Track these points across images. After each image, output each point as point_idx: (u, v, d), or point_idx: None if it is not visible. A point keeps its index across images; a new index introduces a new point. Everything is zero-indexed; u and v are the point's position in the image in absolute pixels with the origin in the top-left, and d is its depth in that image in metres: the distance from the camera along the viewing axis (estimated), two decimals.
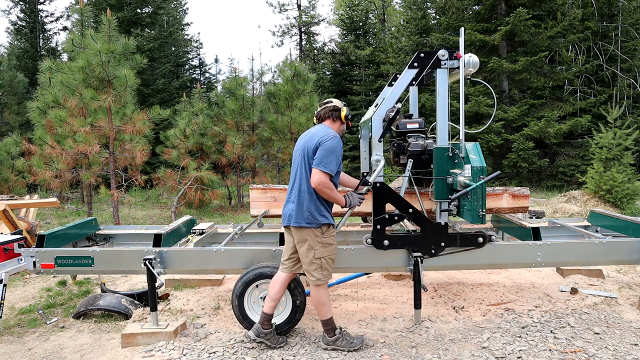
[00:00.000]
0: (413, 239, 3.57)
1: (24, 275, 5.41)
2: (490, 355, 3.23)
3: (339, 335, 3.33)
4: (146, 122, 9.12)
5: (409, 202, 3.54)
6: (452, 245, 3.57)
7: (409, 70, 3.56)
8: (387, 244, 3.53)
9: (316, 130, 3.26)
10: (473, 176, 3.35)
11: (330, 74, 22.72)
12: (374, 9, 24.48)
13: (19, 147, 10.30)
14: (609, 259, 3.86)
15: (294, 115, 11.74)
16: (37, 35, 20.51)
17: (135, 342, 3.48)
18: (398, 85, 3.57)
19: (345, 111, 3.34)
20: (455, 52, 3.50)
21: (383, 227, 3.51)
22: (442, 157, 3.56)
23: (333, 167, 3.11)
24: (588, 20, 15.04)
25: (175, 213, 9.48)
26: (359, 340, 3.35)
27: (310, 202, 3.16)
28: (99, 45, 8.18)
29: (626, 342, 3.42)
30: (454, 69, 3.57)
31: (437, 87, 3.54)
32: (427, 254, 3.56)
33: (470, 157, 3.45)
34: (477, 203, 3.39)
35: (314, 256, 3.19)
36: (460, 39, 3.55)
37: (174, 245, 4.18)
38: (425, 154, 3.74)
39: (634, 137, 9.52)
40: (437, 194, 3.59)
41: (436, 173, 3.58)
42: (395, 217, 3.50)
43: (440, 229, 3.55)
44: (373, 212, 3.50)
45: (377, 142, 3.51)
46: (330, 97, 20.21)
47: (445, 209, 3.56)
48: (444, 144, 3.56)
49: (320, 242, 3.19)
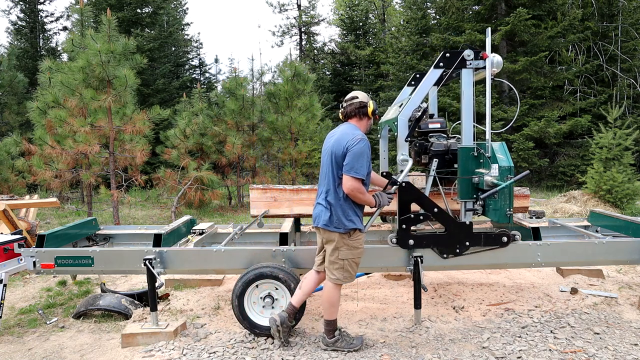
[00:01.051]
0: (438, 239, 3.58)
1: (24, 275, 5.41)
2: (490, 355, 3.23)
3: (338, 336, 3.33)
4: (146, 122, 9.12)
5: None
6: (477, 244, 3.58)
7: (434, 70, 3.57)
8: (412, 244, 3.54)
9: (343, 133, 3.21)
10: (501, 176, 3.36)
11: (330, 74, 22.72)
12: (374, 9, 24.48)
13: (19, 147, 10.30)
14: (609, 259, 3.86)
15: (294, 115, 11.73)
16: (37, 35, 20.51)
17: (135, 342, 3.48)
18: (423, 85, 3.58)
19: (373, 106, 3.31)
20: (481, 52, 3.52)
21: (408, 226, 3.52)
22: (467, 156, 3.57)
23: (364, 171, 3.11)
24: (588, 20, 15.04)
25: (175, 213, 9.48)
26: (359, 341, 3.35)
27: (338, 207, 3.17)
28: (99, 45, 8.18)
29: (626, 342, 3.42)
30: (479, 69, 3.58)
31: (462, 87, 3.55)
32: (451, 254, 3.58)
33: (498, 156, 3.45)
34: (505, 202, 3.40)
35: (338, 256, 3.21)
36: (487, 39, 3.56)
37: (174, 245, 4.18)
38: (449, 153, 3.75)
39: (634, 137, 9.52)
40: (462, 193, 3.60)
41: (461, 173, 3.59)
42: (420, 217, 3.51)
43: (465, 228, 3.56)
44: (398, 211, 3.51)
45: (402, 142, 3.53)
46: (330, 97, 20.24)
47: (470, 208, 3.57)
48: (469, 144, 3.57)
49: (346, 244, 3.20)
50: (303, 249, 3.76)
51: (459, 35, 15.31)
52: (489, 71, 3.51)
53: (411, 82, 4.29)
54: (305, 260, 3.69)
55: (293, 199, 4.13)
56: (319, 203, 3.29)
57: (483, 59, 3.52)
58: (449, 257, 3.58)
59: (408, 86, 4.32)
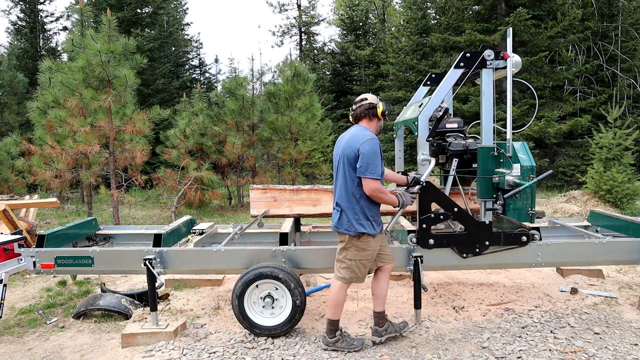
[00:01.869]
0: (458, 238, 3.59)
1: (24, 275, 5.41)
2: (490, 355, 3.23)
3: (339, 336, 3.33)
4: (146, 122, 9.12)
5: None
6: (496, 244, 3.59)
7: (455, 70, 3.58)
8: (432, 243, 3.55)
9: (352, 135, 3.22)
10: (523, 175, 3.37)
11: (330, 74, 22.72)
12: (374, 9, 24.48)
13: (19, 147, 10.30)
14: (609, 259, 3.86)
15: (294, 115, 11.73)
16: (37, 35, 20.50)
17: (135, 342, 3.48)
18: (444, 85, 3.59)
19: (382, 107, 3.32)
20: (502, 53, 3.53)
21: (429, 226, 3.53)
22: (487, 156, 3.58)
23: (379, 171, 3.12)
24: (588, 20, 15.04)
25: (175, 213, 9.48)
26: (359, 342, 3.35)
27: (349, 210, 3.17)
28: (99, 45, 8.18)
29: (626, 342, 3.42)
30: (499, 69, 3.60)
31: (482, 88, 3.56)
32: (471, 253, 3.59)
33: (519, 156, 3.46)
34: (527, 202, 3.41)
35: (346, 256, 3.22)
36: (509, 39, 3.57)
37: (174, 245, 4.18)
38: (467, 153, 3.75)
39: (634, 137, 9.52)
40: (482, 193, 3.61)
41: (481, 172, 3.60)
42: (440, 216, 3.52)
43: (485, 228, 3.57)
44: (418, 211, 3.52)
45: (423, 142, 3.53)
46: (330, 97, 20.25)
47: (490, 207, 3.58)
48: (489, 144, 3.57)
49: (354, 245, 3.21)
50: (303, 249, 3.77)
51: (459, 35, 15.30)
52: (510, 71, 3.52)
53: (426, 82, 4.30)
54: (306, 260, 3.69)
55: (293, 199, 4.13)
56: (334, 207, 3.31)
57: (503, 59, 3.53)
58: (469, 256, 3.59)
59: (424, 86, 4.33)
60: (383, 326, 3.41)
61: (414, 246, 3.60)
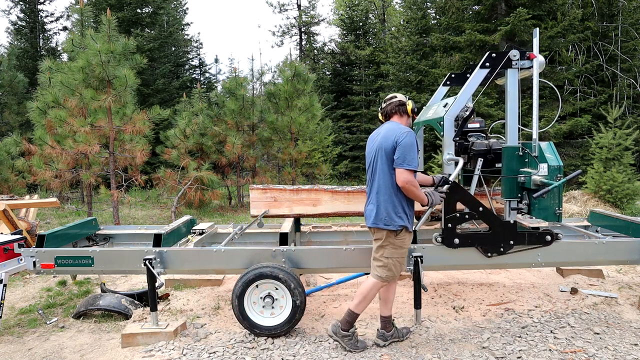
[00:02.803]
0: (483, 237, 3.60)
1: (24, 275, 5.41)
2: (490, 355, 3.23)
3: (350, 334, 3.32)
4: (146, 122, 9.12)
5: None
6: (521, 243, 3.60)
7: (480, 70, 3.60)
8: (457, 242, 3.56)
9: (389, 129, 3.23)
10: (550, 175, 3.39)
11: (330, 74, 22.70)
12: (374, 9, 24.46)
13: (19, 147, 10.30)
14: (609, 259, 3.86)
15: (294, 115, 11.73)
16: (37, 35, 20.51)
17: (135, 342, 3.48)
18: (470, 85, 3.60)
19: (411, 105, 3.34)
20: (528, 53, 3.56)
21: (454, 225, 3.54)
22: (512, 156, 3.60)
23: (415, 163, 3.12)
24: (588, 20, 15.03)
25: (175, 213, 9.48)
26: (362, 345, 3.36)
27: (388, 203, 3.16)
28: (99, 45, 8.18)
29: (626, 342, 3.42)
30: (524, 69, 3.61)
31: (507, 88, 3.58)
32: (496, 252, 3.60)
33: (546, 156, 3.48)
34: (554, 201, 3.43)
35: (383, 254, 3.21)
36: (535, 39, 3.59)
37: (174, 245, 4.18)
38: (491, 153, 3.76)
39: (634, 137, 9.52)
40: (507, 192, 3.62)
41: (506, 172, 3.61)
42: (466, 216, 3.53)
43: (509, 227, 3.58)
44: (444, 210, 3.53)
45: (450, 142, 3.54)
46: (330, 97, 20.24)
47: (515, 207, 3.60)
48: (514, 144, 3.59)
49: (391, 242, 3.20)
50: (303, 249, 3.77)
51: (459, 35, 15.30)
52: (536, 71, 3.54)
53: (446, 82, 4.31)
54: (306, 260, 3.69)
55: (293, 199, 4.13)
56: (369, 202, 3.30)
57: (529, 59, 3.56)
58: (493, 255, 3.61)
59: (443, 86, 4.35)
60: (390, 331, 3.41)
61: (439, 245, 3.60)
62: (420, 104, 16.39)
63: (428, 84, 16.54)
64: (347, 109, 20.60)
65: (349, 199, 4.11)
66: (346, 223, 4.91)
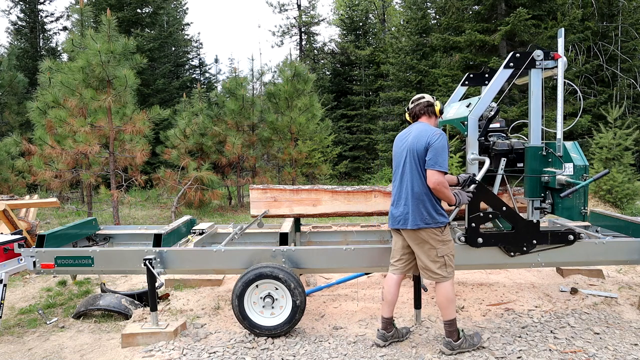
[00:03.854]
0: (506, 237, 3.61)
1: (24, 275, 5.41)
2: (490, 355, 3.23)
3: (462, 338, 3.27)
4: (146, 122, 9.12)
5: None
6: (544, 242, 3.61)
7: (504, 70, 3.61)
8: (480, 242, 3.57)
9: (420, 130, 3.24)
10: (576, 174, 3.40)
11: (330, 74, 22.70)
12: (374, 9, 24.46)
13: (19, 147, 10.30)
14: (609, 259, 3.86)
15: (294, 115, 11.73)
16: (37, 35, 20.52)
17: (135, 342, 3.48)
18: (494, 85, 3.61)
19: (439, 105, 3.36)
20: (552, 53, 3.58)
21: (478, 225, 3.55)
22: (535, 156, 3.61)
23: (446, 165, 3.15)
24: (588, 20, 15.04)
25: (175, 213, 9.48)
26: (478, 338, 3.33)
27: (428, 203, 3.17)
28: (99, 45, 8.18)
29: (626, 342, 3.42)
30: (547, 69, 3.63)
31: (531, 88, 3.60)
32: (518, 252, 3.61)
33: (572, 155, 3.49)
34: (579, 201, 3.45)
35: (437, 254, 3.20)
36: (560, 39, 3.60)
37: (174, 245, 4.18)
38: (512, 153, 3.77)
39: (634, 137, 9.52)
40: (530, 192, 3.64)
41: (529, 172, 3.63)
42: (489, 215, 3.54)
43: (532, 226, 3.59)
44: (467, 210, 3.54)
45: (474, 141, 3.56)
46: (330, 97, 20.23)
47: (538, 206, 3.62)
48: (537, 143, 3.61)
49: (440, 240, 3.20)
50: (303, 249, 3.77)
51: (459, 35, 15.30)
52: (561, 71, 3.56)
53: (464, 82, 4.32)
54: (306, 260, 3.69)
55: (293, 199, 4.13)
56: (400, 204, 3.27)
57: (554, 59, 3.57)
58: (516, 255, 3.62)
59: (462, 86, 4.36)
60: (390, 331, 3.41)
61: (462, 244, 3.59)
62: None
63: (428, 84, 16.54)
64: (347, 109, 20.59)
65: (349, 199, 4.11)
66: (346, 223, 4.91)
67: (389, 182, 3.74)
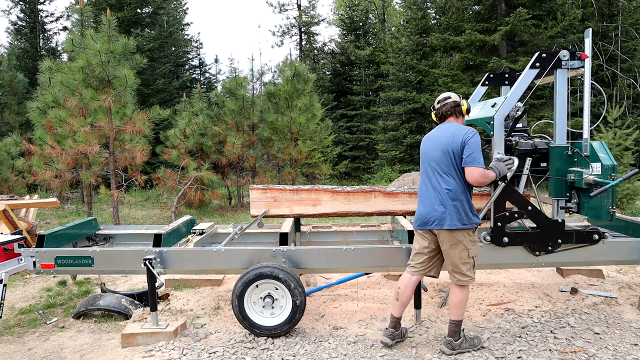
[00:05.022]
0: (531, 236, 3.63)
1: (24, 275, 5.41)
2: (490, 355, 3.23)
3: (462, 338, 3.30)
4: (146, 122, 9.12)
5: None
6: (568, 242, 3.63)
7: (530, 70, 3.62)
8: (506, 241, 3.59)
9: (454, 130, 3.25)
10: (604, 174, 3.41)
11: (330, 74, 22.70)
12: (374, 9, 24.46)
13: (19, 147, 10.30)
14: (609, 259, 3.86)
15: (294, 115, 11.74)
16: (37, 35, 20.52)
17: (135, 342, 3.48)
18: (520, 85, 3.62)
19: (466, 105, 3.38)
20: (579, 53, 3.59)
21: (503, 224, 3.56)
22: (560, 155, 3.63)
23: (482, 161, 3.18)
24: (588, 20, 15.04)
25: (175, 213, 9.48)
26: (478, 340, 3.36)
27: (465, 203, 3.19)
28: (99, 45, 8.18)
29: (626, 342, 3.42)
30: (573, 69, 3.65)
31: (556, 87, 3.61)
32: (543, 251, 3.63)
33: (599, 155, 3.49)
34: (607, 200, 3.46)
35: (468, 255, 3.22)
36: (588, 39, 3.61)
37: (174, 245, 4.18)
38: (536, 152, 3.78)
39: (634, 137, 9.52)
40: (555, 192, 3.66)
41: (554, 172, 3.64)
42: (515, 215, 3.56)
43: (557, 226, 3.61)
44: (493, 209, 3.55)
45: (500, 141, 3.57)
46: (330, 97, 20.23)
47: (563, 206, 3.64)
48: (563, 143, 3.63)
49: (472, 241, 3.23)
50: (303, 249, 3.77)
51: (459, 35, 15.30)
52: (588, 71, 3.56)
53: (484, 82, 4.33)
54: (306, 260, 3.69)
55: (293, 199, 4.13)
56: (438, 205, 3.22)
57: (580, 59, 3.59)
58: (541, 254, 3.64)
59: (482, 86, 4.37)
60: (398, 330, 3.42)
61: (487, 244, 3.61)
62: (421, 104, 16.41)
63: (428, 84, 16.54)
64: (347, 109, 20.60)
65: (349, 199, 4.11)
66: (346, 223, 4.91)
67: (389, 182, 3.74)
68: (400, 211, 4.12)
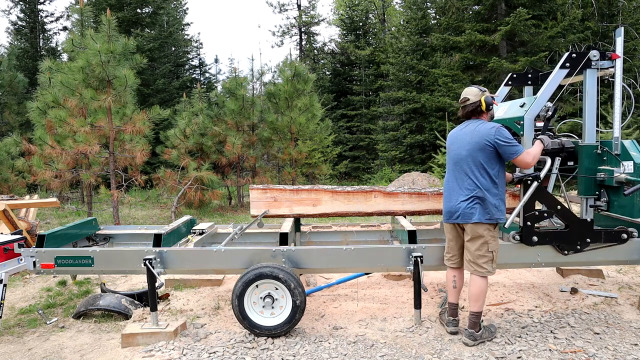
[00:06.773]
0: (560, 235, 3.65)
1: (24, 275, 5.41)
2: (490, 355, 3.23)
3: (482, 329, 3.40)
4: (146, 122, 9.12)
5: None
6: (597, 241, 3.64)
7: (560, 70, 3.63)
8: (535, 240, 3.60)
9: (481, 127, 3.33)
10: (636, 172, 3.43)
11: (330, 74, 22.71)
12: (374, 9, 24.47)
13: (19, 147, 10.30)
14: (609, 259, 3.86)
15: (294, 115, 11.74)
16: (37, 35, 20.53)
17: (135, 342, 3.48)
18: (549, 85, 3.63)
19: (484, 103, 3.41)
20: (609, 53, 3.61)
21: (533, 223, 3.58)
22: (590, 154, 3.65)
23: (519, 145, 3.30)
24: (588, 20, 15.04)
25: (175, 213, 9.48)
26: (494, 328, 3.49)
27: (494, 199, 3.29)
28: (99, 45, 8.18)
29: (626, 342, 3.42)
30: (602, 69, 3.67)
31: (586, 87, 3.63)
32: (572, 250, 3.65)
33: (631, 154, 3.51)
34: (638, 198, 3.47)
35: (488, 249, 3.32)
36: (619, 39, 3.63)
37: (174, 245, 4.18)
38: (563, 151, 3.79)
39: (634, 137, 9.52)
40: (584, 190, 3.67)
41: (583, 170, 3.66)
42: (544, 214, 3.59)
43: (586, 225, 3.62)
44: (523, 208, 3.56)
45: (530, 141, 3.59)
46: (330, 97, 20.23)
47: (592, 204, 3.65)
48: (592, 142, 3.64)
49: (492, 236, 3.33)
50: (303, 249, 3.77)
51: (459, 35, 15.30)
52: (619, 71, 3.58)
53: (508, 82, 4.34)
54: (306, 260, 3.69)
55: (293, 199, 4.13)
56: (466, 199, 3.32)
57: (611, 59, 3.62)
58: (570, 253, 3.66)
59: (505, 86, 4.38)
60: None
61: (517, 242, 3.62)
62: (421, 104, 16.41)
63: (428, 84, 16.54)
64: (347, 109, 20.60)
65: (349, 199, 4.11)
66: (346, 223, 4.91)
67: (389, 182, 3.73)
68: (400, 211, 4.13)
